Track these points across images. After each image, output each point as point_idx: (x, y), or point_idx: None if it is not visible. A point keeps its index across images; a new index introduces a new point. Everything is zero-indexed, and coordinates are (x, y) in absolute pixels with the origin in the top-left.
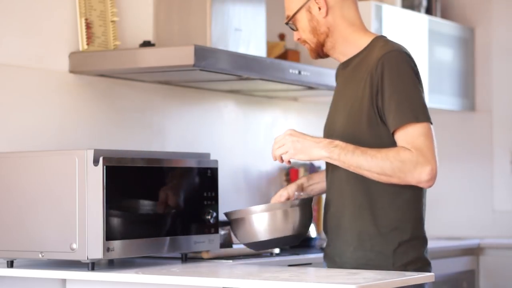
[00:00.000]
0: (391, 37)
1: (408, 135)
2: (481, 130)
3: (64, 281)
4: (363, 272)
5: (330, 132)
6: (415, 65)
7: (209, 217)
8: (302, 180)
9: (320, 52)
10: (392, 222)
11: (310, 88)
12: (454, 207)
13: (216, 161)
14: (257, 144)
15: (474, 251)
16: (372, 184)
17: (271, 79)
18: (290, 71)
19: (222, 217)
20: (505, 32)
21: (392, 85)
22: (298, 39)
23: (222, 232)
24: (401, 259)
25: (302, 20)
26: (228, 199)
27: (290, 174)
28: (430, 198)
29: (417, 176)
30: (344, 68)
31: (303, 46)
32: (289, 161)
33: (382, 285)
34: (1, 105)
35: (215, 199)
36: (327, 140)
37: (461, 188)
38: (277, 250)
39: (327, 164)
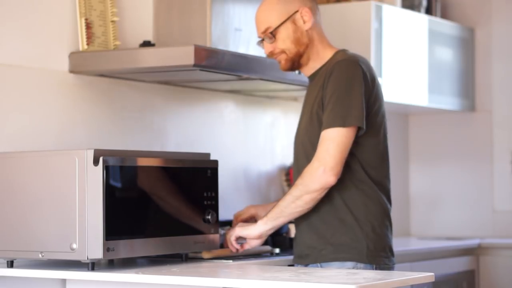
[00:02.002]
0: (391, 37)
1: (324, 142)
2: (481, 130)
3: (64, 281)
4: (363, 272)
5: (296, 136)
6: (365, 75)
7: (209, 217)
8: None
9: (295, 63)
10: (362, 210)
11: None
12: (454, 207)
13: (216, 161)
14: (257, 144)
15: (474, 251)
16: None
17: (271, 79)
18: None
19: (222, 217)
20: (505, 32)
21: (332, 89)
22: (271, 51)
23: (222, 232)
24: (374, 244)
25: (286, 31)
26: (228, 199)
27: (290, 174)
28: (430, 198)
29: (316, 180)
30: (310, 81)
31: (274, 58)
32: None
33: (382, 285)
34: (1, 105)
35: (215, 199)
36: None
37: (461, 188)
38: (277, 250)
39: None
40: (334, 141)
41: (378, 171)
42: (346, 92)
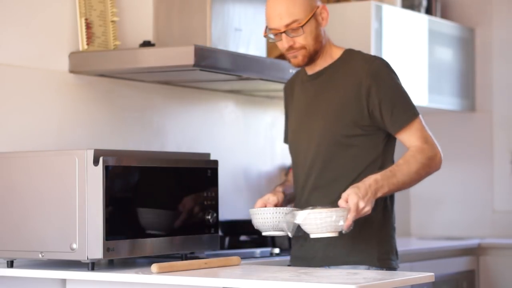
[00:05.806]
0: (391, 37)
1: (417, 132)
2: (481, 130)
3: (64, 281)
4: (363, 272)
5: (308, 138)
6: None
7: (209, 217)
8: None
9: (312, 60)
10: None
11: None
12: (454, 207)
13: (216, 161)
14: (257, 144)
15: (474, 251)
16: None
17: (271, 79)
18: (290, 71)
19: (222, 217)
20: (505, 32)
21: (386, 91)
22: (291, 45)
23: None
24: (384, 248)
25: (310, 26)
26: (228, 199)
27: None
28: (430, 198)
29: (438, 165)
30: (313, 79)
31: (289, 54)
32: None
33: (382, 285)
34: (1, 105)
35: (215, 199)
36: (369, 183)
37: (461, 188)
38: (277, 250)
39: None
40: (426, 129)
41: None
42: (402, 88)
